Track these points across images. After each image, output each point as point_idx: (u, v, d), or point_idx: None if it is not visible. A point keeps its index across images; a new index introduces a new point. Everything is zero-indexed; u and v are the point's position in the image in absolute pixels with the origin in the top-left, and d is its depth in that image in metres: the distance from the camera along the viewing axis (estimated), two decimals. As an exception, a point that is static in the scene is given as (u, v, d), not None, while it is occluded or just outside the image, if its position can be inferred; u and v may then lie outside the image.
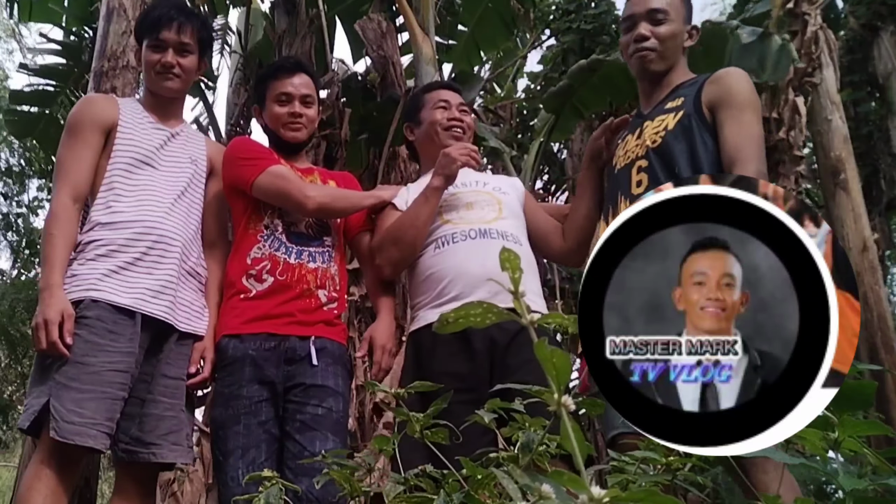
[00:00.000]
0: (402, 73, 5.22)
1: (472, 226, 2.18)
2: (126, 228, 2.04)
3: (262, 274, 2.16)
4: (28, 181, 10.95)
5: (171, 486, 4.10)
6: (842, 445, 0.90)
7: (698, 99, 1.98)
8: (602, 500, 0.51)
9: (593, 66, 5.54)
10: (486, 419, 1.13)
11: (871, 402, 0.95)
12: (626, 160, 2.08)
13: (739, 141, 1.89)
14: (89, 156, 2.09)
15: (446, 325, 0.75)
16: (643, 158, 2.02)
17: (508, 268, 0.64)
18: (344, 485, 1.19)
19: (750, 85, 1.99)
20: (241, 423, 2.06)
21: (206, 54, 2.36)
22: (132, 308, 1.98)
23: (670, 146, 1.97)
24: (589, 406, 1.07)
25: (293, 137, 2.33)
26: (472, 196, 2.26)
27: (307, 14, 5.52)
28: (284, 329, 2.13)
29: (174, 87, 2.23)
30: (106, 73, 3.36)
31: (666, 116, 2.02)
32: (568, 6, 7.20)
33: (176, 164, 2.19)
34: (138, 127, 2.18)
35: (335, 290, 2.23)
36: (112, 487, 2.29)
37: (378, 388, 1.32)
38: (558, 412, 0.57)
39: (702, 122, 1.95)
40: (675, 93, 2.07)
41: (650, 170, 1.99)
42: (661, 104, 2.07)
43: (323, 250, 2.24)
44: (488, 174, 2.44)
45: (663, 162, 1.97)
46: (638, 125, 2.10)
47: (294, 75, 2.34)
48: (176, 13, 2.19)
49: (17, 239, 11.11)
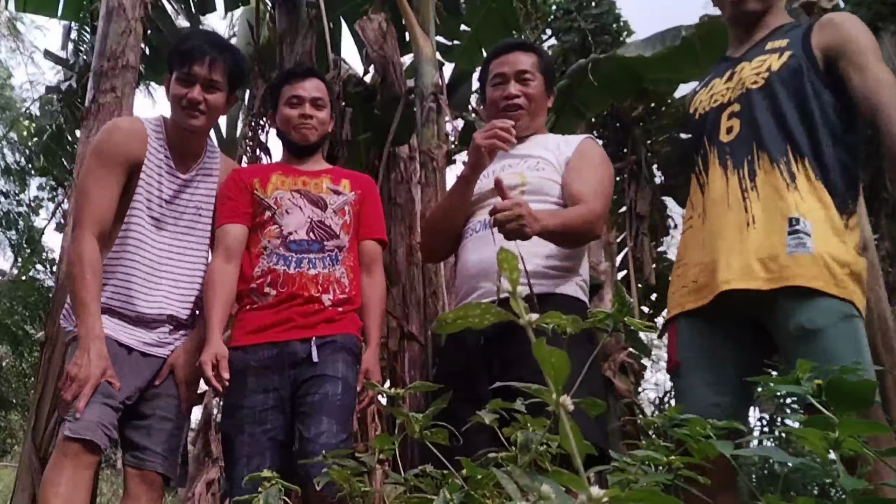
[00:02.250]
0: (402, 73, 5.22)
1: (481, 217, 2.15)
2: (128, 283, 2.13)
3: (263, 288, 2.21)
4: (29, 179, 10.94)
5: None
6: (842, 445, 0.90)
7: (807, 42, 1.86)
8: (601, 500, 0.51)
9: (593, 66, 5.54)
10: (486, 419, 1.13)
11: (871, 402, 0.95)
12: (713, 104, 1.97)
13: (871, 86, 1.75)
14: (114, 190, 2.13)
15: (444, 326, 0.75)
16: (736, 102, 1.91)
17: (506, 268, 0.64)
18: (343, 485, 1.19)
19: (866, 28, 1.86)
20: (246, 433, 2.10)
21: (237, 89, 2.32)
22: (131, 347, 2.12)
23: (773, 88, 1.85)
24: (589, 406, 1.06)
25: (302, 138, 2.36)
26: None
27: (307, 14, 5.52)
28: (285, 335, 2.17)
29: (197, 125, 2.20)
30: (106, 73, 3.36)
31: (768, 57, 1.90)
32: (569, 5, 7.19)
33: (179, 216, 2.23)
34: (157, 174, 2.19)
35: (342, 293, 2.23)
36: (110, 486, 2.38)
37: (379, 388, 1.33)
38: (557, 412, 0.57)
39: (813, 67, 1.83)
40: (774, 34, 1.95)
41: (745, 114, 1.88)
42: (759, 45, 1.96)
43: (324, 255, 2.24)
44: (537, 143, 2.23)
45: (765, 104, 1.85)
46: (729, 68, 1.99)
47: (305, 80, 2.39)
48: (209, 47, 2.16)
49: (17, 238, 11.09)
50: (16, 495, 3.16)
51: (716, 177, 1.91)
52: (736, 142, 1.89)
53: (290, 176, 2.35)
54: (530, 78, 2.23)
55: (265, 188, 2.31)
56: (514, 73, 2.23)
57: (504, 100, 2.23)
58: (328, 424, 2.04)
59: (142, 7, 3.58)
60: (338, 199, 2.32)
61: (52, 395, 3.21)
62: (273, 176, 2.34)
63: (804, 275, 1.69)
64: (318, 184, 2.33)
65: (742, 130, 1.87)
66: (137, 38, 3.54)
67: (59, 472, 1.94)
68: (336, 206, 2.31)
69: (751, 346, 1.86)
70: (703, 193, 1.95)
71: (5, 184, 11.03)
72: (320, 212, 2.28)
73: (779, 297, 1.72)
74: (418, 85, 4.50)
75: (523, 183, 2.13)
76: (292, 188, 2.31)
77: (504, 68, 2.25)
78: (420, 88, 4.47)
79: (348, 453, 1.32)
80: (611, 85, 5.76)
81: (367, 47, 5.17)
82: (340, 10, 5.99)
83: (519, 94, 2.22)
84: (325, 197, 2.31)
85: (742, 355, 1.86)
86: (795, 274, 1.70)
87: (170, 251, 2.21)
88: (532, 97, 2.24)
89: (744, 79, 1.90)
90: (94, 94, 3.40)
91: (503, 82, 2.24)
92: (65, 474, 1.93)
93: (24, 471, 3.22)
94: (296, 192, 2.30)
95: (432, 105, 4.37)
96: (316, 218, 2.27)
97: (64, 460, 1.95)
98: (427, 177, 4.19)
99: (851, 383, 0.94)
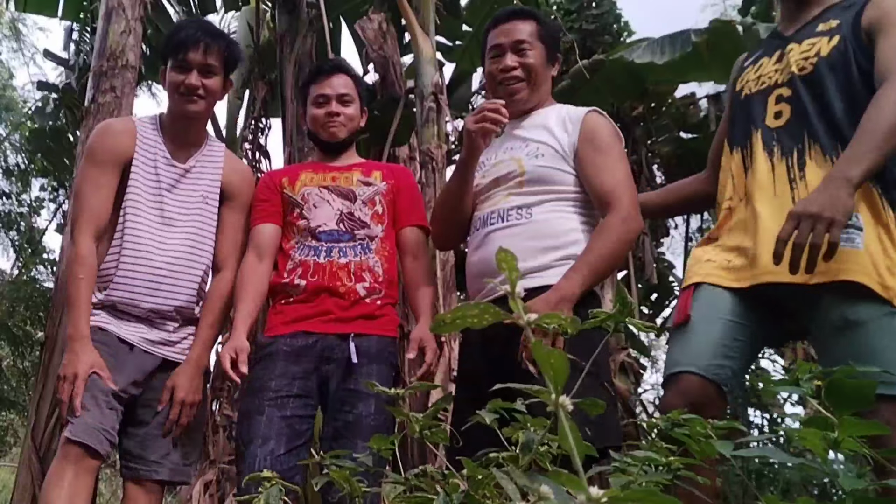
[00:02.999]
0: (402, 73, 5.22)
1: (481, 212, 2.12)
2: (132, 279, 2.12)
3: (294, 279, 2.21)
4: (32, 179, 10.94)
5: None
6: (842, 445, 0.89)
7: (857, 23, 1.79)
8: (600, 500, 0.51)
9: (594, 67, 5.54)
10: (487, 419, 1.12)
11: (871, 402, 0.95)
12: (761, 85, 1.90)
13: (892, 55, 1.69)
14: (108, 189, 2.15)
15: (442, 326, 0.74)
16: (786, 86, 1.84)
17: (505, 269, 0.63)
18: (343, 485, 1.19)
19: None
20: (265, 415, 2.09)
21: (230, 73, 2.34)
22: (133, 343, 2.11)
23: (822, 76, 1.79)
24: (589, 407, 1.06)
25: (331, 136, 2.37)
26: (493, 172, 2.14)
27: (307, 14, 5.52)
28: (322, 327, 2.17)
29: (197, 109, 2.23)
30: (105, 72, 3.37)
31: (818, 40, 1.83)
32: (570, 6, 7.18)
33: (187, 206, 2.23)
34: (149, 166, 2.20)
35: (377, 281, 2.22)
36: (109, 486, 2.39)
37: (380, 389, 1.33)
38: (556, 412, 0.57)
39: (860, 49, 1.77)
40: (827, 13, 1.88)
41: (795, 101, 1.82)
42: (811, 25, 1.89)
43: (355, 244, 2.24)
44: (537, 122, 2.13)
45: (814, 93, 1.79)
46: (778, 47, 1.92)
47: (332, 76, 2.39)
48: (202, 34, 2.20)
49: (18, 238, 11.09)
50: (16, 495, 3.17)
51: (760, 161, 1.85)
52: (785, 128, 1.83)
53: (319, 172, 2.36)
54: (528, 48, 2.12)
55: (293, 186, 2.32)
56: (510, 44, 2.12)
57: (501, 73, 2.13)
58: (362, 448, 2.04)
59: (142, 7, 3.59)
60: (368, 190, 2.31)
61: (52, 395, 3.21)
62: (302, 174, 2.37)
63: (852, 270, 1.65)
64: (348, 177, 2.34)
65: (792, 118, 1.81)
66: (137, 38, 3.54)
67: (60, 476, 1.94)
68: (366, 196, 2.30)
69: (770, 327, 1.83)
70: (747, 177, 1.88)
71: (7, 185, 11.03)
72: (350, 203, 2.29)
73: (822, 291, 1.68)
74: (418, 85, 4.50)
75: (521, 172, 2.05)
76: (321, 184, 2.32)
77: (501, 39, 2.14)
78: (420, 88, 4.48)
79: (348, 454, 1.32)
80: (611, 85, 5.76)
81: (366, 47, 5.18)
82: (340, 10, 6.00)
83: (516, 65, 2.12)
84: (354, 189, 2.31)
85: (759, 332, 1.82)
86: (843, 269, 1.65)
87: (177, 242, 2.20)
88: (531, 68, 2.12)
89: (792, 62, 1.83)
90: (93, 93, 3.40)
91: (500, 54, 2.14)
92: (66, 478, 1.94)
93: (24, 471, 3.22)
94: (324, 187, 2.31)
95: (432, 105, 4.37)
96: (346, 210, 2.27)
97: (66, 464, 1.95)
98: (427, 177, 4.19)
99: (851, 383, 0.94)
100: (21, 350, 10.25)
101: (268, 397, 2.10)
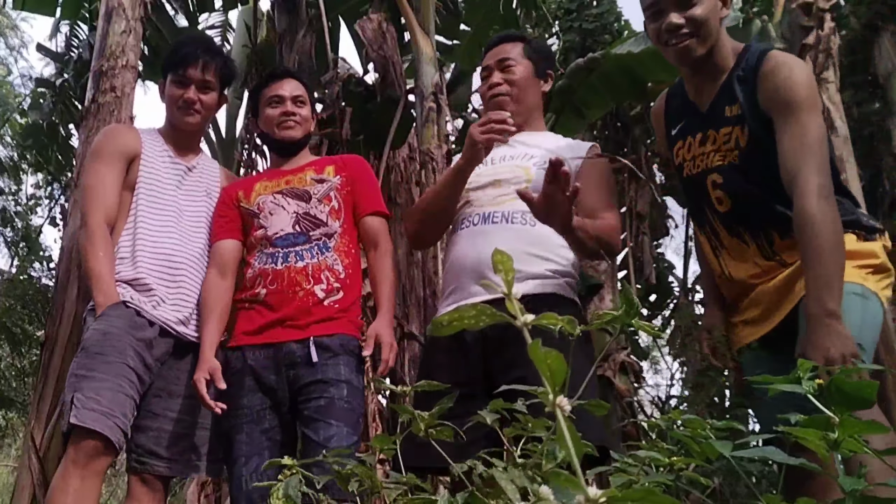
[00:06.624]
0: (402, 73, 5.21)
1: (479, 209, 2.13)
2: (151, 259, 2.19)
3: (255, 288, 2.24)
4: (25, 176, 10.90)
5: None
6: (842, 445, 0.89)
7: (756, 104, 1.83)
8: (598, 501, 0.51)
9: (590, 65, 5.52)
10: (487, 419, 1.12)
11: (871, 402, 0.94)
12: (697, 169, 1.96)
13: (796, 146, 1.74)
14: (116, 182, 2.25)
15: (440, 328, 0.74)
16: (716, 172, 1.91)
17: (501, 270, 0.63)
18: (346, 483, 1.19)
19: (805, 77, 1.81)
20: (244, 432, 2.12)
21: (226, 89, 2.48)
22: (153, 318, 2.14)
23: (748, 169, 1.85)
24: (593, 407, 1.06)
25: (287, 136, 2.39)
26: (496, 173, 2.17)
27: (307, 14, 5.51)
28: (281, 336, 2.17)
29: (194, 122, 2.38)
30: (105, 72, 3.36)
31: (732, 130, 1.88)
32: (570, 5, 7.18)
33: (193, 199, 2.35)
34: (158, 160, 2.32)
35: (337, 279, 2.23)
36: (108, 486, 2.38)
37: (385, 385, 1.33)
38: (554, 413, 0.57)
39: (769, 133, 1.81)
40: (729, 89, 1.89)
41: (728, 187, 1.88)
42: (718, 105, 1.91)
43: (311, 245, 2.24)
44: (538, 140, 2.22)
45: (744, 179, 1.86)
46: (698, 128, 1.96)
47: (284, 80, 2.44)
48: (202, 52, 2.34)
49: (13, 235, 11.06)
50: (15, 495, 3.16)
51: (733, 245, 1.93)
52: (734, 215, 1.91)
53: (273, 179, 2.39)
54: (512, 64, 2.24)
55: (249, 198, 2.35)
56: (496, 63, 2.26)
57: (488, 90, 2.25)
58: (337, 428, 2.05)
59: (141, 7, 3.58)
60: (322, 187, 2.33)
61: (52, 394, 3.20)
62: (257, 184, 2.40)
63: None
64: (301, 178, 2.35)
65: (734, 206, 1.89)
66: (137, 38, 3.54)
67: (66, 482, 1.92)
68: (320, 194, 2.32)
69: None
70: (719, 257, 1.98)
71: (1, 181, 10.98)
72: (305, 204, 2.30)
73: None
74: (418, 85, 4.50)
75: (528, 179, 2.09)
76: (275, 190, 2.34)
77: (489, 61, 2.29)
78: (420, 88, 4.47)
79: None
80: (609, 84, 5.75)
81: (366, 47, 5.17)
82: (340, 9, 5.99)
83: (500, 81, 2.23)
84: (308, 189, 2.32)
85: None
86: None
87: (190, 227, 2.30)
88: (514, 82, 2.22)
89: (718, 150, 1.90)
90: (93, 93, 3.39)
91: (488, 75, 2.27)
92: (72, 485, 1.91)
93: (24, 471, 3.21)
94: (278, 192, 2.33)
95: (432, 105, 4.37)
96: (301, 211, 2.29)
97: (72, 469, 1.93)
98: (427, 177, 4.18)
99: (851, 383, 0.93)
100: (19, 349, 10.23)
101: (243, 415, 2.14)
